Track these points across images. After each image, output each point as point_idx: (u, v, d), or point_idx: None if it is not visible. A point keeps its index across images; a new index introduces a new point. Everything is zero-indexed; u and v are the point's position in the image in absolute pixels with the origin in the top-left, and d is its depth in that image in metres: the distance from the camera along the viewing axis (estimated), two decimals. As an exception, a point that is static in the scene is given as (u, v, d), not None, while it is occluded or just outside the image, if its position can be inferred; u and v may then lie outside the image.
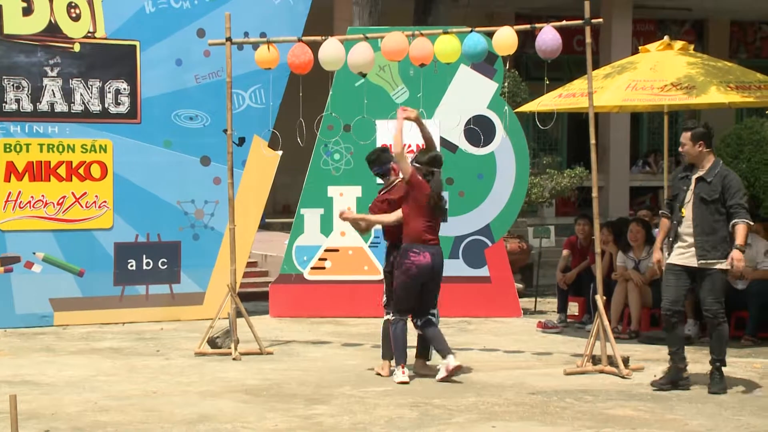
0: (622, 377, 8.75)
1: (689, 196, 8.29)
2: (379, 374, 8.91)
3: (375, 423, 7.23)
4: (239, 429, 7.08)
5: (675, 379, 8.30)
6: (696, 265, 8.21)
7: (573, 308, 12.07)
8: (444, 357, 8.68)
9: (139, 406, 7.80)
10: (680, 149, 8.44)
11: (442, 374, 8.64)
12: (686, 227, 8.27)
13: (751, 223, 8.28)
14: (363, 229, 9.58)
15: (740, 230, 8.11)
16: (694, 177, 8.31)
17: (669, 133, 12.50)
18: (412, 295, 8.73)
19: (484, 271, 12.48)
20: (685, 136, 8.36)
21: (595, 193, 9.54)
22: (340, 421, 7.31)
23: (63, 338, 11.04)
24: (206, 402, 7.92)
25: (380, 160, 9.27)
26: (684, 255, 8.28)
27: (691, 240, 8.23)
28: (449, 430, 7.03)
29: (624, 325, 11.12)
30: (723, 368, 8.26)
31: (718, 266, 8.16)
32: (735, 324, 10.32)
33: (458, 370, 8.65)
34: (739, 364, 9.31)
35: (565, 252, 12.29)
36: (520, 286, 13.64)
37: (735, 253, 8.08)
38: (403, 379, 8.61)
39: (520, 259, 14.40)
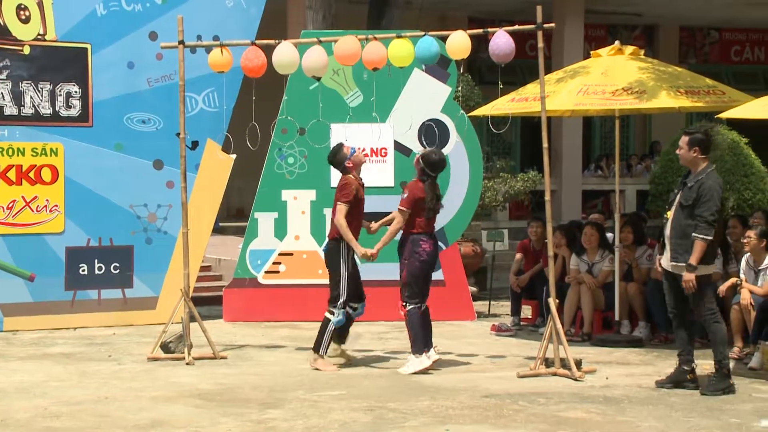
0: (575, 380, 8.80)
1: (677, 199, 8.40)
2: (317, 369, 9.29)
3: (329, 427, 7.21)
4: (192, 434, 7.05)
5: (679, 380, 8.40)
6: (674, 271, 8.33)
7: (526, 311, 12.12)
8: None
9: (91, 411, 7.72)
10: (677, 151, 8.54)
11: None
12: (667, 230, 8.42)
13: (708, 238, 8.16)
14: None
15: (696, 246, 8.14)
16: (685, 181, 8.43)
17: (620, 138, 12.59)
18: (427, 281, 9.42)
19: (438, 275, 12.43)
20: (683, 140, 8.42)
21: (547, 197, 9.59)
22: (294, 425, 7.29)
23: (13, 344, 10.91)
24: (159, 407, 7.86)
25: (338, 160, 9.72)
26: (666, 259, 8.44)
27: (668, 242, 8.39)
28: (403, 434, 7.04)
29: (577, 327, 11.19)
30: (722, 371, 8.27)
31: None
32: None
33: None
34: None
35: (518, 255, 12.36)
36: (474, 289, 13.69)
37: (685, 275, 8.18)
38: (436, 357, 9.28)
39: (474, 263, 14.44)
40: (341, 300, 9.45)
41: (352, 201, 9.46)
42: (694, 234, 8.15)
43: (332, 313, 9.45)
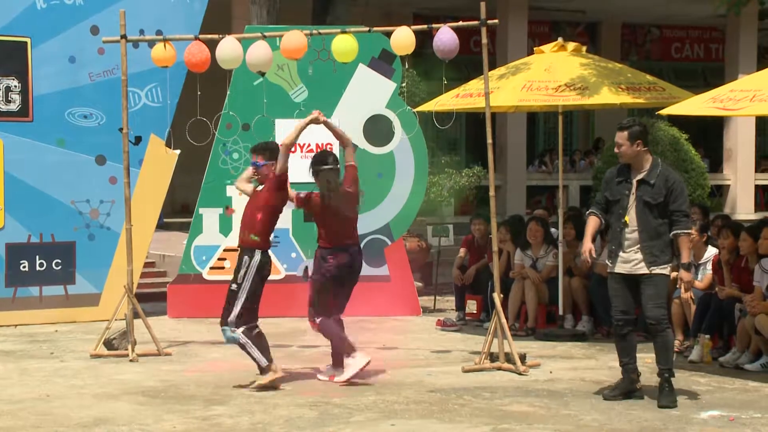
0: (519, 374, 8.86)
1: (632, 200, 7.77)
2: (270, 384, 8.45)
3: (274, 423, 7.21)
4: (136, 431, 7.00)
5: (628, 390, 7.88)
6: (639, 273, 7.73)
7: (471, 306, 12.16)
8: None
9: (33, 410, 7.65)
10: (616, 150, 7.90)
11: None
12: (631, 233, 7.75)
13: (692, 233, 7.92)
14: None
15: (683, 244, 7.73)
16: (635, 180, 7.78)
17: (564, 134, 12.69)
18: (331, 295, 8.81)
19: (383, 270, 12.52)
20: (621, 136, 7.81)
21: (492, 192, 9.64)
22: (240, 421, 7.27)
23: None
24: (102, 404, 7.81)
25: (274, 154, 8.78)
26: (628, 264, 7.78)
27: (634, 246, 7.74)
28: (348, 429, 7.04)
29: (521, 322, 11.26)
30: (672, 379, 7.79)
31: (663, 271, 7.76)
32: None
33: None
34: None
35: (462, 251, 12.42)
36: (420, 284, 13.72)
37: (683, 274, 7.82)
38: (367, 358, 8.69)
39: (420, 258, 14.48)
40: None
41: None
42: (676, 231, 7.69)
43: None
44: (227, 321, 8.54)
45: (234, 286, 8.57)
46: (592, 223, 8.04)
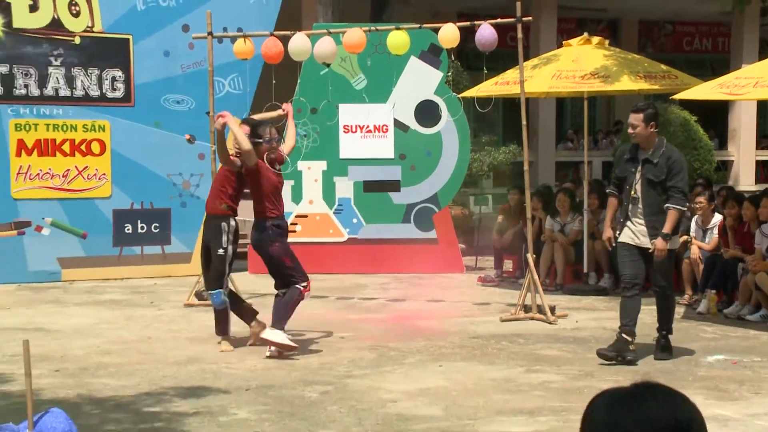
0: (549, 323, 8.84)
1: (637, 177, 7.24)
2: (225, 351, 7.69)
3: (339, 363, 7.25)
4: (223, 369, 7.08)
5: (621, 350, 7.18)
6: (645, 246, 7.23)
7: (508, 265, 12.13)
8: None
9: (136, 349, 7.77)
10: (630, 131, 7.29)
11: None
12: (636, 208, 7.25)
13: (683, 209, 7.30)
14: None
15: (670, 216, 7.10)
16: (641, 159, 7.24)
17: (588, 116, 12.53)
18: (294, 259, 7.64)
19: (432, 234, 12.52)
20: (637, 118, 7.20)
21: (526, 167, 9.58)
22: (310, 361, 7.33)
23: (69, 292, 10.95)
24: (194, 346, 7.91)
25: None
26: (635, 236, 7.28)
27: (638, 219, 7.25)
28: (402, 369, 7.07)
29: (551, 279, 11.22)
30: (669, 336, 7.46)
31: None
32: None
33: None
34: (645, 311, 9.40)
35: (500, 217, 12.37)
36: (463, 246, 13.69)
37: (657, 242, 7.11)
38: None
39: (463, 224, 14.44)
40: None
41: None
42: (668, 204, 7.11)
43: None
44: (219, 285, 7.78)
45: (221, 251, 7.79)
46: (612, 205, 7.57)
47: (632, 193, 7.26)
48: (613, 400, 1.71)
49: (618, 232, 7.42)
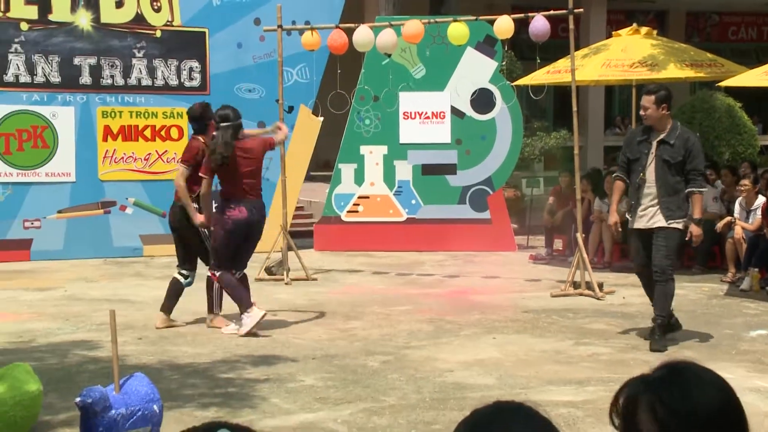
0: (598, 299, 8.75)
1: (650, 158, 6.79)
2: (216, 327, 7.41)
3: (398, 335, 7.26)
4: (291, 339, 7.13)
5: (670, 329, 6.90)
6: (654, 226, 6.75)
7: (558, 244, 12.04)
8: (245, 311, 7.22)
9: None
10: (642, 113, 6.89)
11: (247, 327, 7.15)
12: (648, 189, 6.79)
13: (705, 190, 6.94)
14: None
15: (697, 201, 6.75)
16: (655, 141, 6.78)
17: (636, 103, 12.34)
18: (231, 249, 7.18)
19: (486, 215, 12.46)
20: (648, 100, 6.78)
21: (576, 151, 9.48)
22: (371, 333, 7.35)
23: (151, 266, 11.11)
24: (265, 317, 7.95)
25: (204, 116, 7.53)
26: (644, 218, 6.82)
27: (651, 202, 6.78)
28: (458, 341, 7.05)
29: (599, 257, 11.09)
30: (663, 326, 6.81)
31: (677, 225, 6.75)
32: (687, 257, 10.29)
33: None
34: (691, 287, 9.29)
35: (551, 199, 12.26)
36: (515, 226, 13.60)
37: (693, 229, 6.74)
38: (263, 311, 7.19)
39: (516, 205, 14.34)
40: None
41: (192, 163, 7.32)
42: (690, 188, 6.70)
43: (184, 276, 7.55)
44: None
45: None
46: (618, 188, 7.10)
47: (642, 174, 6.78)
48: (653, 386, 1.60)
49: (630, 217, 6.94)
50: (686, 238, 6.81)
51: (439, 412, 5.17)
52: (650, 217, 6.79)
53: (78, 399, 4.36)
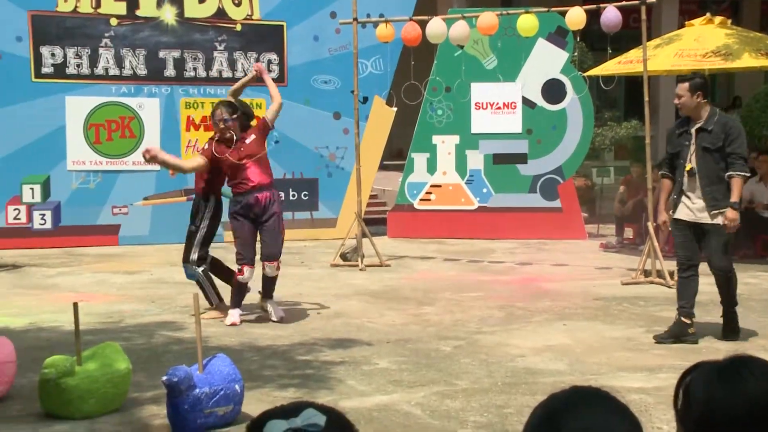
0: (668, 287, 8.58)
1: (692, 149, 6.37)
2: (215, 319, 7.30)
3: (470, 321, 7.25)
4: (365, 323, 7.18)
5: (679, 334, 6.44)
6: (704, 222, 6.37)
7: (628, 233, 11.86)
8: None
9: (289, 303, 7.94)
10: (676, 101, 6.47)
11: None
12: (691, 181, 6.38)
13: (747, 174, 6.43)
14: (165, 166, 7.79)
15: (735, 184, 6.26)
16: (693, 130, 6.38)
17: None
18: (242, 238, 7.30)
19: (557, 203, 12.33)
20: (682, 88, 6.36)
21: (647, 141, 9.32)
22: (443, 318, 7.35)
23: (230, 251, 11.21)
24: (340, 302, 8.05)
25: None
26: (690, 211, 6.43)
27: (696, 194, 6.38)
28: (529, 327, 7.01)
29: (670, 245, 10.85)
30: (735, 315, 6.62)
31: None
32: (762, 245, 10.03)
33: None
34: (764, 277, 9.05)
35: (621, 188, 12.07)
36: (586, 215, 13.44)
37: (729, 213, 6.25)
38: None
39: (586, 194, 14.16)
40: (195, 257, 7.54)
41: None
42: (730, 172, 6.25)
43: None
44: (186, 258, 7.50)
45: (192, 227, 7.63)
46: (665, 187, 6.62)
47: (687, 167, 6.37)
48: (711, 375, 1.56)
49: (672, 210, 6.53)
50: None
51: (511, 396, 5.16)
52: (696, 208, 6.40)
53: (164, 378, 4.47)
